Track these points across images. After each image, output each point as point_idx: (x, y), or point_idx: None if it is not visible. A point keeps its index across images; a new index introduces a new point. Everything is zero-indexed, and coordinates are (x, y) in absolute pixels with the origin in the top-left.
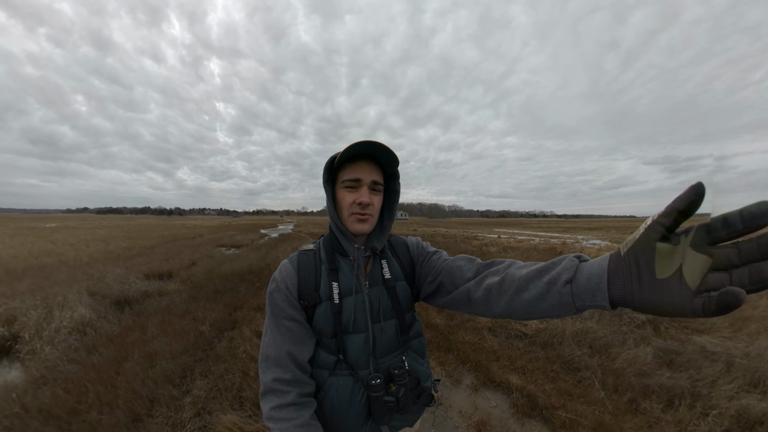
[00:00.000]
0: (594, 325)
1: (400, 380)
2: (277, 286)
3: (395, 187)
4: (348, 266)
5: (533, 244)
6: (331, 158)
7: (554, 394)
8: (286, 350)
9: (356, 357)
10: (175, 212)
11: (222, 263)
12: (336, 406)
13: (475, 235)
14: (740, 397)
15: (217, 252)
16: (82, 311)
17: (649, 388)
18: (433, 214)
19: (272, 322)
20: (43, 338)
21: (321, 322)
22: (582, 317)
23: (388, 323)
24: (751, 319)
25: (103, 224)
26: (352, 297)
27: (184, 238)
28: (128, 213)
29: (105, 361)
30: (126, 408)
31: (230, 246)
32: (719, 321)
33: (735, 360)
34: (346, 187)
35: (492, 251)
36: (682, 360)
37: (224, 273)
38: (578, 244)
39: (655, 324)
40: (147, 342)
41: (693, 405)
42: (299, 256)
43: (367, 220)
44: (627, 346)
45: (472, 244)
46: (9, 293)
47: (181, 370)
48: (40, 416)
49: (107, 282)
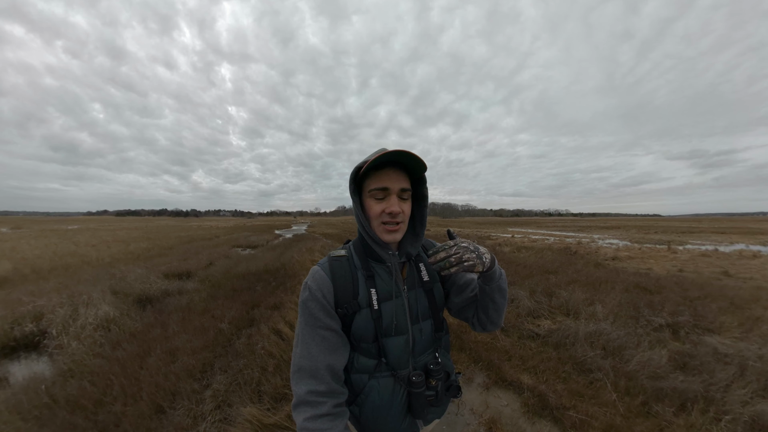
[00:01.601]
0: (608, 327)
1: (437, 375)
2: (312, 295)
3: (423, 192)
4: (384, 272)
5: (548, 244)
6: (356, 168)
7: (565, 395)
8: (323, 361)
9: (397, 358)
10: (191, 214)
11: (238, 263)
12: (378, 407)
13: (488, 234)
14: (754, 402)
15: (234, 252)
16: (106, 309)
17: (662, 391)
18: (446, 214)
19: (307, 332)
20: (69, 334)
21: (361, 328)
22: (596, 319)
23: (426, 323)
24: (762, 320)
25: (122, 226)
26: (391, 302)
27: (200, 239)
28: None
29: (129, 356)
30: (149, 400)
31: (246, 246)
32: (729, 321)
33: (748, 363)
34: (374, 197)
35: (505, 251)
36: (695, 363)
37: (241, 273)
38: (594, 243)
39: (674, 328)
40: (168, 338)
41: (706, 409)
42: (331, 262)
43: (399, 229)
44: (641, 349)
45: (486, 244)
46: (36, 292)
47: (202, 365)
48: (67, 407)
49: (129, 281)
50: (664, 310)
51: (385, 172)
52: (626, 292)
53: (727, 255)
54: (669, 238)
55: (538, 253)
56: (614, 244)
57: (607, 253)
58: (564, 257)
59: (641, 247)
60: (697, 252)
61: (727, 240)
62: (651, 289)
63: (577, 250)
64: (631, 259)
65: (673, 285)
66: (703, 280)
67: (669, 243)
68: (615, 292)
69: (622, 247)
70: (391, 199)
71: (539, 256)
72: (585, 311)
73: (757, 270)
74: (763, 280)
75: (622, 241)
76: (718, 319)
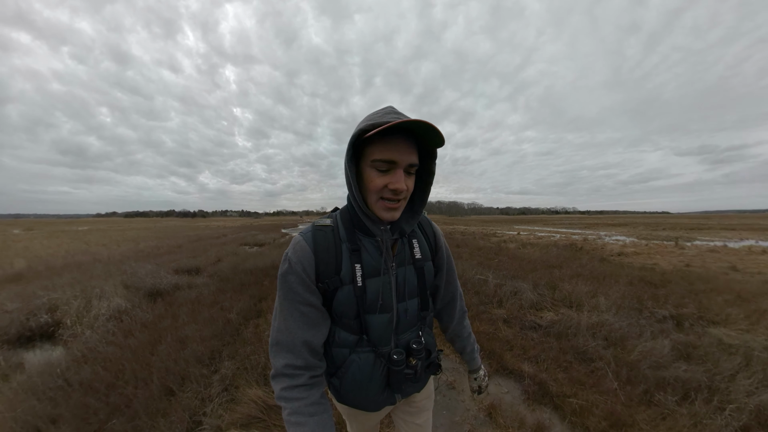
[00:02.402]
0: (611, 318)
1: (418, 354)
2: (292, 267)
3: (431, 168)
4: (373, 246)
5: (553, 241)
6: (359, 131)
7: (566, 383)
8: (300, 337)
9: (379, 335)
10: (199, 214)
11: (246, 260)
12: (358, 381)
13: (494, 231)
14: (760, 392)
15: (241, 250)
16: (118, 301)
17: (665, 380)
18: (452, 212)
19: (285, 307)
20: (83, 324)
21: (342, 305)
22: (599, 311)
23: (412, 302)
24: None
25: (131, 226)
26: (377, 279)
27: (208, 238)
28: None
29: (140, 344)
30: (160, 383)
31: (253, 244)
32: (735, 312)
33: (754, 354)
34: (376, 168)
35: (511, 247)
36: (699, 353)
37: (248, 268)
38: (600, 240)
39: (678, 319)
40: (178, 328)
41: (710, 399)
42: (314, 232)
43: (399, 207)
44: (643, 339)
45: (491, 240)
46: (50, 286)
47: (210, 352)
48: (81, 389)
49: (140, 276)
50: (669, 302)
51: (394, 141)
52: (630, 285)
53: (735, 251)
54: (677, 234)
55: (543, 249)
56: (621, 241)
57: (613, 249)
58: (569, 253)
59: (648, 243)
60: (705, 248)
61: (737, 236)
62: (656, 283)
63: (583, 246)
64: (637, 255)
65: (678, 279)
66: (709, 275)
67: (677, 239)
68: (619, 285)
69: (629, 244)
70: (397, 173)
71: (544, 252)
72: (588, 303)
73: (766, 265)
74: None
75: (629, 238)
76: (723, 312)
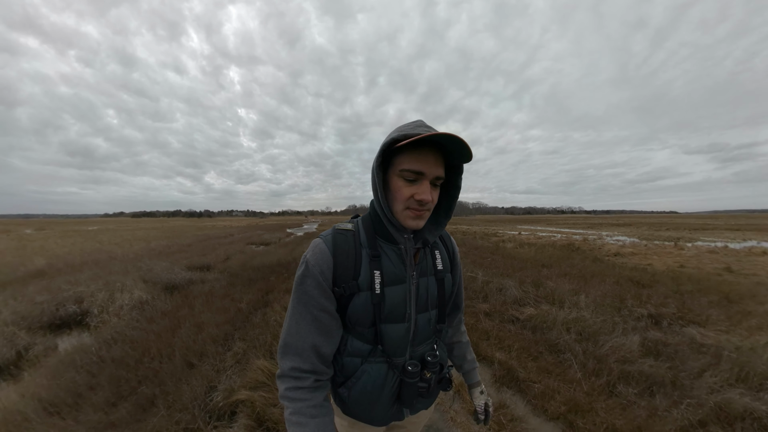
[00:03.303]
0: (588, 315)
1: (432, 367)
2: (309, 270)
3: (457, 182)
4: (395, 254)
5: (552, 241)
6: (391, 140)
7: (534, 371)
8: (310, 342)
9: (395, 346)
10: (205, 214)
11: (253, 257)
12: (369, 392)
13: (495, 231)
14: (723, 390)
15: (248, 248)
16: (138, 293)
17: (629, 374)
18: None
19: (298, 310)
20: (109, 312)
21: (358, 312)
22: (579, 307)
23: (432, 313)
24: (753, 314)
25: (140, 226)
26: (398, 287)
27: (216, 237)
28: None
29: (162, 329)
30: (181, 359)
31: (259, 243)
32: (715, 313)
33: (724, 353)
34: (404, 178)
35: (508, 247)
36: (668, 351)
37: (256, 265)
38: (600, 240)
39: (656, 319)
40: (195, 315)
41: (671, 394)
42: (335, 236)
43: (423, 216)
44: (615, 335)
45: (491, 240)
46: (74, 281)
47: (224, 335)
48: (113, 364)
49: (156, 272)
50: (651, 302)
51: (424, 153)
52: (617, 285)
53: (735, 252)
54: (679, 235)
55: (540, 249)
56: (621, 241)
57: (610, 249)
58: (563, 253)
59: (647, 244)
60: (705, 249)
61: (741, 237)
62: (643, 283)
63: (580, 247)
64: (634, 255)
65: (668, 280)
66: (701, 276)
67: (677, 240)
68: (605, 284)
69: (629, 244)
70: (424, 185)
71: (538, 252)
72: (569, 300)
73: (763, 267)
74: (767, 276)
75: (630, 238)
76: (705, 312)
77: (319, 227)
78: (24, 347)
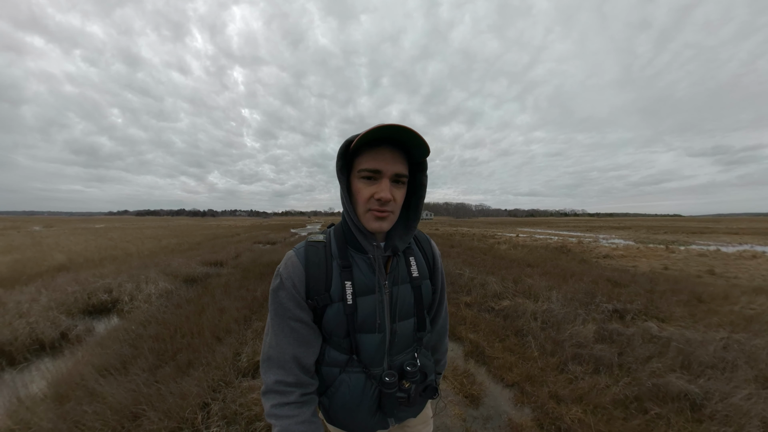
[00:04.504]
0: (556, 307)
1: (412, 377)
2: (282, 283)
3: (421, 180)
4: (365, 263)
5: (546, 243)
6: (347, 142)
7: (499, 349)
8: (291, 353)
9: (371, 356)
10: (209, 214)
11: (262, 255)
12: (348, 401)
13: (493, 234)
14: (666, 375)
15: (256, 247)
16: (163, 284)
17: (581, 356)
18: (459, 214)
19: (276, 323)
20: (139, 300)
21: (332, 323)
22: (550, 301)
23: (407, 322)
24: (717, 313)
25: (146, 225)
26: (370, 297)
27: (223, 237)
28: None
29: (189, 312)
30: (210, 334)
31: (265, 243)
32: (680, 311)
33: (672, 344)
34: (363, 178)
35: (502, 248)
36: (622, 339)
37: (265, 262)
38: (595, 243)
39: (622, 313)
40: (216, 302)
41: (616, 374)
42: (307, 248)
43: (387, 217)
44: (576, 324)
45: (487, 242)
46: (99, 274)
47: (243, 317)
48: (150, 339)
49: (174, 267)
50: (619, 298)
51: (380, 151)
52: (593, 283)
53: (725, 255)
54: (675, 238)
55: (531, 251)
56: (615, 244)
57: (601, 251)
58: (552, 254)
59: (639, 246)
60: (696, 252)
61: (737, 241)
62: (621, 282)
63: (571, 249)
64: (622, 257)
65: (645, 280)
66: (681, 277)
67: (668, 243)
68: (582, 282)
69: (622, 247)
70: (383, 183)
71: (528, 253)
72: (543, 295)
73: (748, 270)
74: (747, 279)
75: (626, 241)
76: (669, 309)
77: (321, 227)
78: (66, 328)
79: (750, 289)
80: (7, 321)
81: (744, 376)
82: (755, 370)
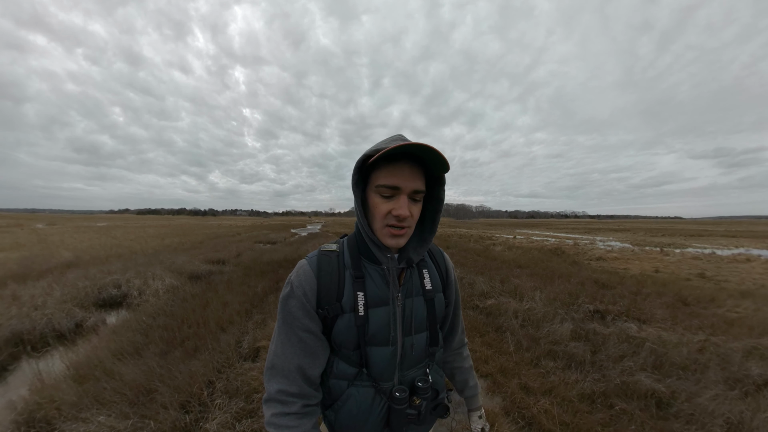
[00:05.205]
0: (538, 306)
1: (423, 393)
2: (293, 292)
3: (439, 195)
4: (378, 275)
5: (541, 245)
6: (364, 156)
7: (478, 343)
8: (296, 363)
9: (381, 370)
10: (209, 213)
11: (262, 254)
12: (355, 416)
13: (491, 235)
14: (636, 373)
15: (256, 246)
16: (169, 280)
17: (556, 352)
18: (459, 215)
19: (284, 331)
20: (147, 294)
21: (342, 334)
22: (534, 300)
23: (420, 336)
24: (699, 316)
25: (147, 223)
26: (382, 309)
27: (224, 236)
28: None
29: (195, 306)
30: (214, 324)
31: (266, 242)
32: (661, 313)
33: (646, 344)
34: (380, 194)
35: (497, 250)
36: (598, 339)
37: (266, 260)
38: (591, 245)
39: (603, 313)
40: (220, 297)
41: (588, 370)
42: (320, 257)
43: (404, 234)
44: (554, 323)
45: (483, 243)
46: (106, 271)
47: (245, 310)
48: (159, 329)
49: (179, 264)
50: (602, 300)
51: (399, 167)
52: (580, 285)
53: (720, 258)
54: (672, 241)
55: (525, 252)
56: (611, 246)
57: (595, 254)
58: (545, 256)
59: (634, 249)
60: (691, 255)
61: (734, 244)
62: (607, 284)
63: (566, 251)
64: (616, 260)
65: (633, 283)
66: (670, 280)
67: (663, 246)
68: (569, 284)
69: (617, 249)
70: (401, 199)
71: (521, 255)
72: (528, 295)
73: (739, 273)
74: (737, 283)
75: (622, 244)
76: (651, 311)
77: (322, 228)
78: (81, 320)
79: (737, 292)
80: (25, 313)
81: (714, 377)
82: (726, 372)
